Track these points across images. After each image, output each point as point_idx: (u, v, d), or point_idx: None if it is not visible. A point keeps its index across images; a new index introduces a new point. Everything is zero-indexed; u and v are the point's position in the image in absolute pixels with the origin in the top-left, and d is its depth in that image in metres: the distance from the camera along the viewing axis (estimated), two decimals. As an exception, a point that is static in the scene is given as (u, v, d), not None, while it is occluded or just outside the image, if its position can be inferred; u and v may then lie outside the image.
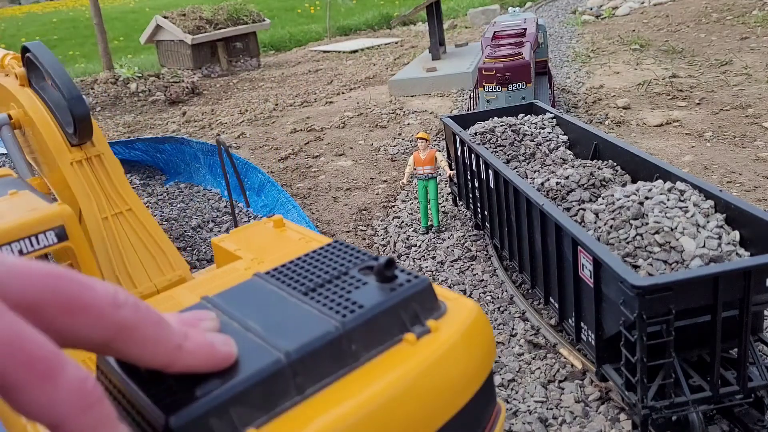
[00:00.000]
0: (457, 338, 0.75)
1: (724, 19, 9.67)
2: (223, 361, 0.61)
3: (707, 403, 1.93)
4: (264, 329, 0.71)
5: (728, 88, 6.19)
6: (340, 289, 0.78)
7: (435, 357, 0.71)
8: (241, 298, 0.82)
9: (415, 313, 0.75)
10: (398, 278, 0.77)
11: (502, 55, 4.89)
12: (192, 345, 0.57)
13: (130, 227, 1.71)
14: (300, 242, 1.30)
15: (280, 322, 0.72)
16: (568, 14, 13.29)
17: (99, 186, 1.78)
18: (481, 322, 0.81)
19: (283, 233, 1.39)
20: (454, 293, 0.85)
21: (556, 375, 2.46)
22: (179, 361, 0.56)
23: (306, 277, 0.83)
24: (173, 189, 5.10)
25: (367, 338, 0.70)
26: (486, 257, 3.47)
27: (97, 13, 10.43)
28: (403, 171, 4.90)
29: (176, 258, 1.68)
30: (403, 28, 14.78)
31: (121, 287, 0.51)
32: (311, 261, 0.89)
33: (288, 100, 8.23)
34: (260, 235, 1.43)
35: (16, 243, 1.27)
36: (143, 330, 0.51)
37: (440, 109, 6.85)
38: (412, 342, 0.72)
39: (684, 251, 2.09)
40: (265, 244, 1.37)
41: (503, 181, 2.90)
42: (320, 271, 0.85)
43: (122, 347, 0.51)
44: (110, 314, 0.48)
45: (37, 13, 27.99)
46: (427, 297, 0.77)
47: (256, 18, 11.67)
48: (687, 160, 4.55)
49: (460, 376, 0.75)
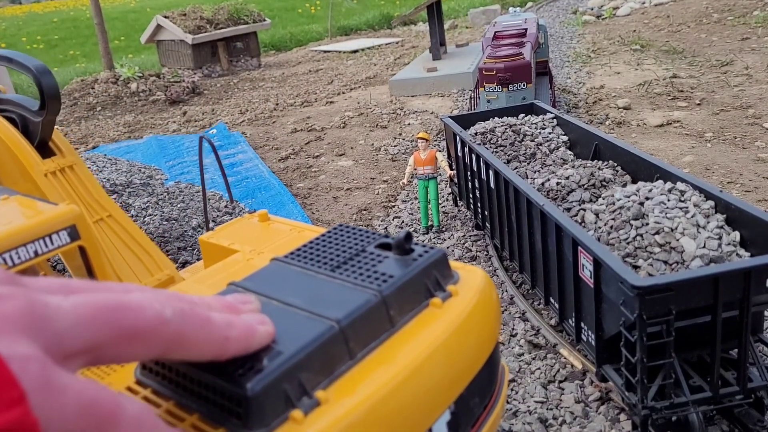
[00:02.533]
0: (475, 301, 0.80)
1: (724, 19, 9.67)
2: (264, 340, 0.63)
3: (707, 404, 1.93)
4: (307, 304, 0.75)
5: (729, 89, 6.18)
6: (364, 264, 0.82)
7: (461, 318, 0.77)
8: (269, 280, 0.84)
9: (436, 281, 0.80)
10: (415, 251, 0.82)
11: (502, 56, 4.89)
12: (237, 332, 0.59)
13: (113, 233, 1.72)
14: (292, 233, 1.30)
15: (319, 296, 0.76)
16: (568, 14, 13.28)
17: (76, 195, 1.78)
18: (490, 287, 0.87)
19: (271, 226, 1.39)
20: (462, 263, 0.90)
21: (556, 375, 2.46)
22: (228, 351, 0.58)
23: (327, 257, 0.87)
24: (173, 189, 5.10)
25: (401, 304, 0.75)
26: (486, 257, 3.47)
27: (98, 13, 10.44)
28: (403, 171, 4.90)
29: (162, 259, 1.69)
30: (403, 28, 14.78)
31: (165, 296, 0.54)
32: (325, 243, 0.92)
33: (288, 100, 8.23)
34: (248, 230, 1.43)
35: (31, 244, 1.26)
36: (192, 335, 0.54)
37: (441, 109, 6.85)
38: (438, 306, 0.77)
39: (684, 252, 2.09)
40: (256, 237, 1.37)
41: (503, 181, 2.90)
42: (339, 251, 0.88)
43: (174, 355, 0.54)
44: (161, 333, 0.51)
45: (37, 12, 28.02)
46: (444, 266, 0.82)
47: (256, 18, 11.67)
48: (687, 160, 4.55)
49: (480, 335, 0.80)
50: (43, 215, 1.29)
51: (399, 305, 0.76)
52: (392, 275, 0.78)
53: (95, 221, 1.73)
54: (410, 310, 0.77)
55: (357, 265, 0.83)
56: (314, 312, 0.72)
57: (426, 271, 0.80)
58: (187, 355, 0.55)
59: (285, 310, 0.74)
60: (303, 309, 0.74)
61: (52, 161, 1.83)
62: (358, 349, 0.69)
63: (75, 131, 7.98)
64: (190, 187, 5.16)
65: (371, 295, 0.73)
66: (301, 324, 0.70)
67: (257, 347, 0.63)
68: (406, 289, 0.77)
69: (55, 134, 1.89)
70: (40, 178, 1.78)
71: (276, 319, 0.69)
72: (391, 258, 0.82)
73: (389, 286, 0.75)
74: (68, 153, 1.87)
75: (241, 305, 0.66)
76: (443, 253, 0.82)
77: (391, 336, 0.73)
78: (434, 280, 0.81)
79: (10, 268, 1.24)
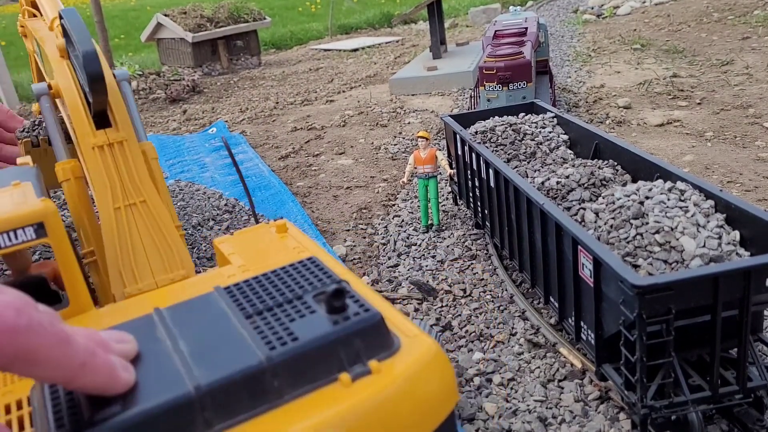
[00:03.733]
0: (403, 382, 0.68)
1: (725, 18, 9.66)
2: (121, 386, 0.59)
3: (707, 403, 1.93)
4: (190, 354, 0.68)
5: (729, 88, 6.18)
6: (285, 316, 0.74)
7: (371, 402, 0.65)
8: (189, 313, 0.81)
9: (357, 352, 0.69)
10: (349, 309, 0.72)
11: (503, 54, 4.89)
12: (96, 364, 0.56)
13: (141, 220, 1.66)
14: (293, 251, 1.30)
15: (208, 348, 0.69)
16: (569, 13, 13.27)
17: (117, 174, 1.70)
18: (438, 363, 0.73)
19: (283, 240, 1.39)
20: (417, 329, 0.78)
21: (556, 374, 2.46)
22: (79, 381, 0.55)
23: (261, 298, 0.80)
24: (173, 187, 5.10)
25: (295, 374, 0.65)
26: (486, 256, 3.47)
27: (98, 11, 10.42)
28: (403, 170, 4.90)
29: (183, 257, 1.63)
30: (404, 26, 14.76)
31: (25, 304, 0.51)
32: (275, 279, 0.86)
33: (288, 99, 8.23)
34: (259, 240, 1.43)
35: None
36: (45, 351, 0.51)
37: (441, 108, 6.84)
38: (346, 384, 0.66)
39: (684, 251, 2.09)
40: (259, 250, 1.37)
41: (503, 180, 2.90)
42: (277, 292, 0.81)
43: (21, 368, 0.51)
44: (10, 341, 0.48)
45: (37, 10, 27.94)
46: (376, 333, 0.71)
47: (256, 16, 11.66)
48: (687, 159, 4.55)
49: (402, 423, 0.68)
50: (13, 209, 1.30)
51: (292, 376, 0.65)
52: (297, 337, 0.68)
53: (127, 205, 1.67)
54: (308, 382, 0.66)
55: (276, 316, 0.74)
56: (187, 367, 0.66)
57: (346, 339, 0.68)
58: (35, 371, 0.51)
59: (165, 357, 0.68)
60: (182, 360, 0.67)
61: (104, 133, 1.75)
62: (218, 420, 0.61)
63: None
64: (190, 185, 5.15)
65: (255, 360, 0.65)
66: (165, 380, 0.63)
67: (111, 391, 0.59)
68: (307, 357, 0.66)
69: (117, 105, 1.82)
70: (87, 151, 1.72)
71: (148, 366, 0.64)
72: (318, 314, 0.73)
73: (284, 352, 0.65)
74: (123, 127, 1.78)
75: (113, 343, 0.62)
76: (378, 318, 0.70)
77: (271, 410, 0.63)
78: (355, 350, 0.69)
79: None
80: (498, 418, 2.26)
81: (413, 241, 3.79)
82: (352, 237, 3.96)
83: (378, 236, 3.95)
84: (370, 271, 3.49)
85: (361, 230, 4.06)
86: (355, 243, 3.87)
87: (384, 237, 3.92)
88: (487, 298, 3.08)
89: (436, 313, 2.98)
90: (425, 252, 3.62)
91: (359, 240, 3.92)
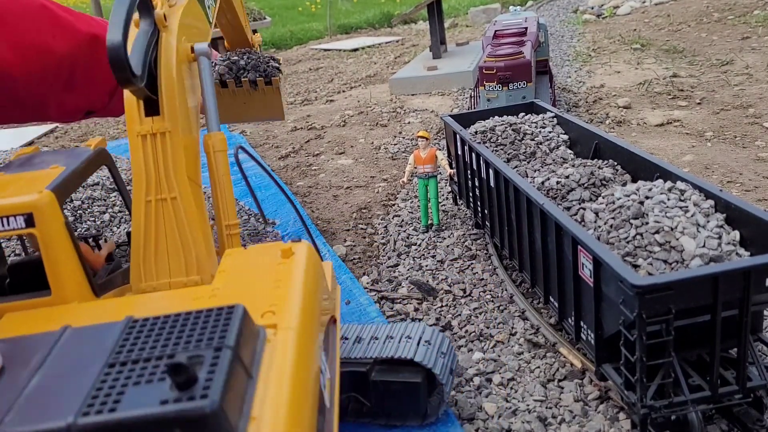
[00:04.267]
0: None
1: (725, 18, 9.66)
2: None
3: (706, 403, 1.93)
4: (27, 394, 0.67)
5: (729, 88, 6.18)
6: (137, 375, 0.70)
7: None
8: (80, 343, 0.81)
9: None
10: (197, 385, 0.66)
11: (502, 54, 4.89)
12: None
13: (169, 217, 1.61)
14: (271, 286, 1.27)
15: (45, 393, 0.67)
16: (569, 13, 13.27)
17: (154, 166, 1.64)
18: None
19: (280, 266, 1.36)
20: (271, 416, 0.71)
21: (556, 374, 2.46)
22: None
23: (144, 344, 0.77)
24: (173, 187, 5.09)
25: None
26: (486, 256, 3.47)
27: (98, 11, 10.43)
28: (403, 169, 4.90)
29: (203, 261, 1.57)
30: (404, 26, 14.76)
31: None
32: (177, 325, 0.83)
33: (288, 98, 8.23)
34: (257, 263, 1.42)
35: None
36: None
37: (441, 108, 6.84)
38: None
39: (684, 251, 2.09)
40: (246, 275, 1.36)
41: (503, 180, 2.90)
42: (161, 343, 0.78)
43: None
44: None
45: (37, 10, 27.91)
46: (203, 425, 0.64)
47: (257, 16, 11.65)
48: (687, 159, 4.55)
49: None
50: (11, 196, 1.37)
51: None
52: (116, 408, 0.63)
53: (158, 199, 1.62)
54: None
55: (128, 374, 0.70)
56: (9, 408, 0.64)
57: (164, 423, 0.63)
58: None
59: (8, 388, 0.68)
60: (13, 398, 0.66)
61: (151, 121, 1.67)
62: None
63: (75, 128, 7.98)
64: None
65: (60, 423, 0.62)
66: None
67: None
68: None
69: (168, 92, 1.69)
70: (132, 138, 1.67)
71: None
72: (162, 384, 0.68)
73: (89, 423, 0.62)
74: (169, 118, 1.68)
75: None
76: (214, 408, 0.63)
77: None
78: None
79: None
80: (498, 418, 2.26)
81: (413, 240, 3.79)
82: (352, 237, 3.96)
83: (378, 236, 3.95)
84: (370, 271, 3.49)
85: (361, 230, 4.06)
86: (355, 243, 3.87)
87: (384, 237, 3.92)
88: (486, 297, 3.08)
89: (436, 313, 2.98)
90: (425, 252, 3.62)
91: (359, 240, 3.92)
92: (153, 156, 1.65)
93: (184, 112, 1.75)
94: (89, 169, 1.73)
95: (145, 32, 1.68)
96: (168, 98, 1.68)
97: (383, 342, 2.19)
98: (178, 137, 1.68)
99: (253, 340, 0.91)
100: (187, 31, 1.87)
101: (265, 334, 0.99)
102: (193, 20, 1.95)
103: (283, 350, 1.00)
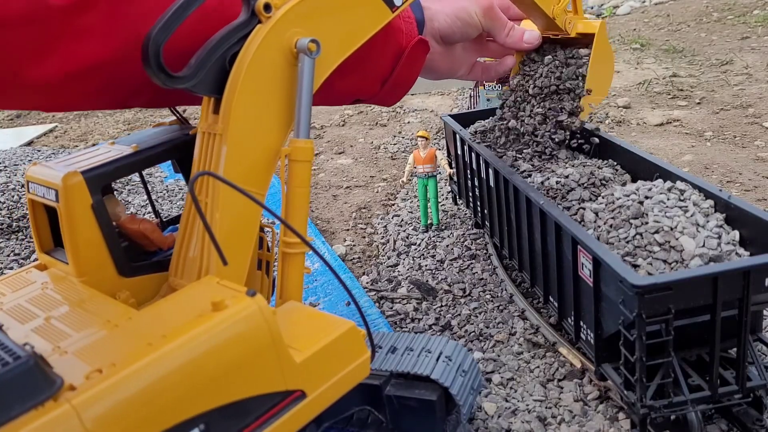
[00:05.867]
0: None
1: (724, 18, 9.66)
2: None
3: (706, 403, 1.93)
4: None
5: (729, 88, 6.18)
6: None
7: None
8: None
9: None
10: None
11: (502, 54, 4.88)
12: None
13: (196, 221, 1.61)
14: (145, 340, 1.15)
15: None
16: (568, 13, 13.26)
17: (199, 164, 1.60)
18: None
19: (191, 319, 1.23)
20: None
21: (555, 374, 2.46)
22: None
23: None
24: (173, 186, 5.09)
25: None
26: (486, 256, 3.47)
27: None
28: (402, 169, 4.90)
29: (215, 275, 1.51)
30: (403, 26, 14.75)
31: None
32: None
33: (288, 98, 8.22)
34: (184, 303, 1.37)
35: (35, 186, 1.60)
36: None
37: (440, 108, 6.84)
38: None
39: (684, 251, 2.09)
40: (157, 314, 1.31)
41: (503, 179, 2.90)
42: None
43: None
44: None
45: (37, 9, 27.93)
46: None
47: (256, 15, 11.65)
48: (687, 159, 4.55)
49: None
50: (56, 171, 1.55)
51: None
52: None
53: (200, 200, 1.59)
54: None
55: None
56: None
57: None
58: None
59: None
60: None
61: (215, 121, 1.58)
62: None
63: (74, 128, 7.97)
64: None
65: None
66: None
67: None
68: None
69: (229, 92, 1.54)
70: (198, 133, 1.64)
71: None
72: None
73: None
74: (224, 119, 1.56)
75: None
76: None
77: None
78: None
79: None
80: (497, 418, 2.26)
81: (413, 240, 3.79)
82: (351, 236, 3.96)
83: (377, 236, 3.95)
84: (370, 271, 3.49)
85: (360, 229, 4.06)
86: (354, 242, 3.87)
87: (383, 236, 3.92)
88: (486, 297, 3.08)
89: (436, 313, 2.98)
90: (425, 251, 3.62)
91: (359, 239, 3.92)
92: (202, 154, 1.59)
93: (253, 114, 1.59)
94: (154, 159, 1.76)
95: (238, 24, 1.52)
96: (228, 98, 1.54)
97: (401, 354, 2.09)
98: (231, 140, 1.54)
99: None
100: (307, 23, 1.62)
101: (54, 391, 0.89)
102: (328, 6, 1.67)
103: None
